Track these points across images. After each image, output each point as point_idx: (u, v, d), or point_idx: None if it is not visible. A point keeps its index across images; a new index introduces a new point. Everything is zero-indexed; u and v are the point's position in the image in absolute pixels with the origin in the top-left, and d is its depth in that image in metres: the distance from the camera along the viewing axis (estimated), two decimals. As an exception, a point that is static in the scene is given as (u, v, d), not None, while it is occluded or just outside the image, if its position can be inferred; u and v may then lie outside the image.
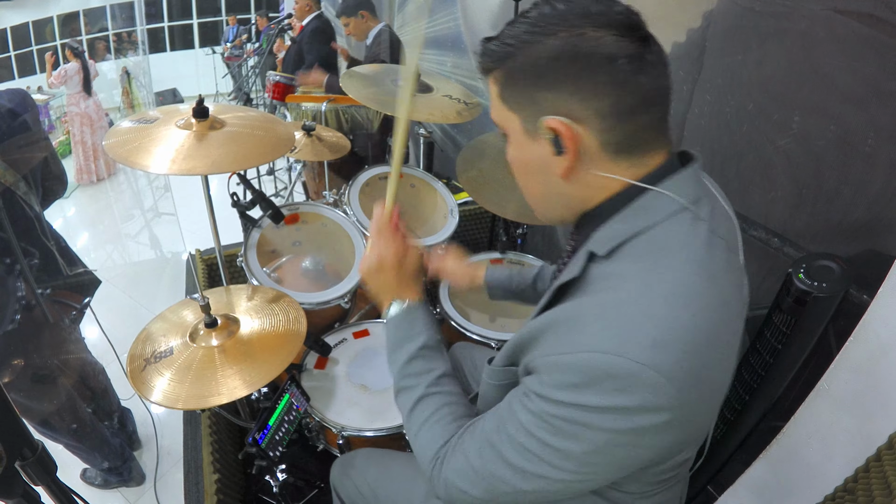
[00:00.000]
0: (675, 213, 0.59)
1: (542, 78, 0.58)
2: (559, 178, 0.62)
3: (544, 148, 0.61)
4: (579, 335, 0.54)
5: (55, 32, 5.32)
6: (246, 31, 7.26)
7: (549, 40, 0.56)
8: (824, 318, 1.03)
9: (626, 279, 0.56)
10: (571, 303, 0.60)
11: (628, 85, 0.56)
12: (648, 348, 0.51)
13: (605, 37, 0.55)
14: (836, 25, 1.09)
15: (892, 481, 0.81)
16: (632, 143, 0.59)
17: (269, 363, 1.05)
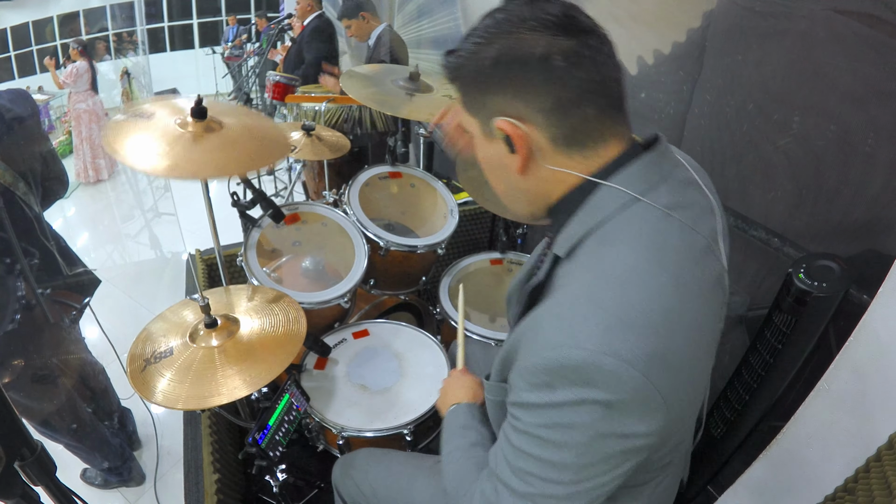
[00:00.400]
0: (627, 205, 0.61)
1: (488, 83, 0.62)
2: (517, 174, 0.66)
3: (500, 147, 0.65)
4: (540, 338, 0.56)
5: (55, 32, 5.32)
6: (246, 31, 7.25)
7: (490, 48, 0.60)
8: (824, 318, 1.03)
9: (577, 275, 0.59)
10: (537, 308, 0.62)
11: (566, 80, 0.58)
12: (601, 335, 0.52)
13: (539, 38, 0.58)
14: (836, 25, 1.09)
15: (892, 481, 0.81)
16: (580, 135, 0.61)
17: (269, 363, 1.05)
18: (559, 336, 0.54)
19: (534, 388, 0.56)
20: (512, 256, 1.81)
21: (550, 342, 0.54)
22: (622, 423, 0.54)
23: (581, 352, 0.52)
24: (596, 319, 0.53)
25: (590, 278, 0.57)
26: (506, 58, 0.59)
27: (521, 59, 0.58)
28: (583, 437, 0.55)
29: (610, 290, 0.55)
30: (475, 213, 2.37)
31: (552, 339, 0.54)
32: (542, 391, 0.55)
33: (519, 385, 0.59)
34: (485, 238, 2.40)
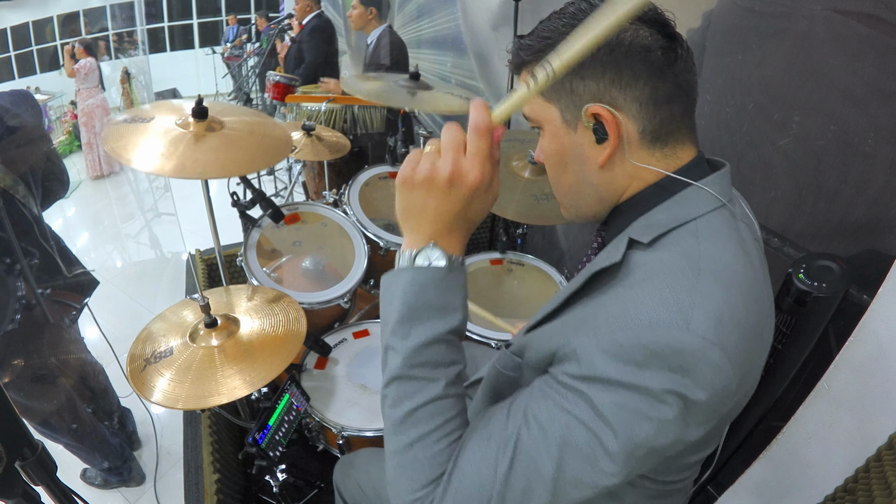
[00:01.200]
0: (716, 208, 0.60)
1: (583, 67, 0.58)
2: (595, 168, 0.63)
3: (584, 137, 0.62)
4: (634, 311, 0.51)
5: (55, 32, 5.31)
6: (246, 31, 7.25)
7: None
8: (824, 318, 1.03)
9: (676, 264, 0.54)
10: (609, 291, 0.55)
11: (663, 74, 0.58)
12: (713, 326, 0.49)
13: (641, 30, 0.58)
14: (836, 25, 1.09)
15: (892, 481, 0.81)
16: (666, 132, 0.61)
17: (269, 363, 1.05)
18: (666, 313, 0.49)
19: (617, 360, 0.49)
20: (512, 256, 1.81)
21: (653, 319, 0.49)
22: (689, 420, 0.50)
23: (691, 336, 0.48)
24: (706, 309, 0.50)
25: (693, 269, 0.53)
26: (609, 42, 0.57)
27: (626, 46, 0.57)
28: (649, 430, 0.49)
29: (717, 286, 0.52)
30: (475, 213, 2.37)
31: (656, 316, 0.49)
32: (627, 368, 0.49)
33: (592, 359, 0.51)
34: (485, 238, 2.40)
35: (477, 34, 2.88)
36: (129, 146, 1.03)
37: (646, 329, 0.49)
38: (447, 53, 3.26)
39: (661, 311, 0.50)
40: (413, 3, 3.62)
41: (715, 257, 0.55)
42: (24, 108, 1.44)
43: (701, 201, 0.60)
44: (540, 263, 1.78)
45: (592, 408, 0.50)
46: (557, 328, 0.60)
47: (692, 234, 0.57)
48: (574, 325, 0.56)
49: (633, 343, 0.49)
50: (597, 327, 0.52)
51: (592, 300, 0.57)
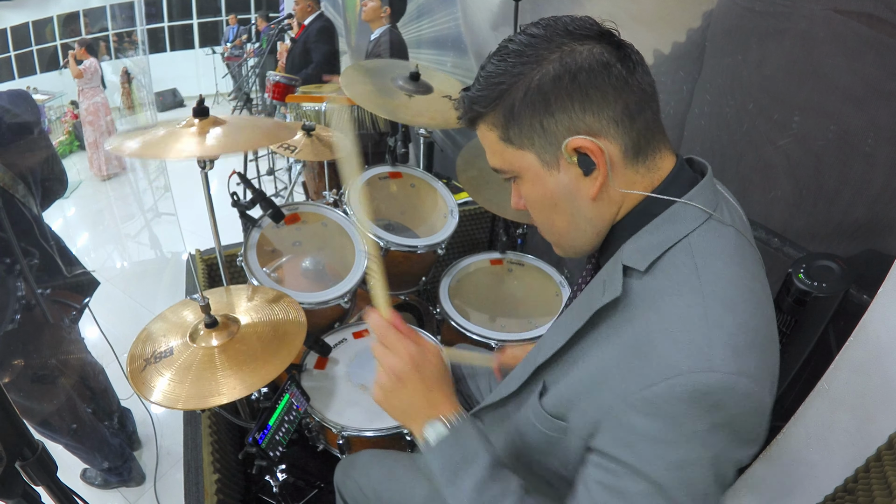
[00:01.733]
0: (704, 221, 0.59)
1: (548, 104, 0.57)
2: (588, 202, 0.61)
3: (569, 173, 0.60)
4: (655, 363, 0.52)
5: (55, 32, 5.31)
6: (246, 31, 7.26)
7: (543, 66, 0.57)
8: (824, 318, 1.03)
9: (678, 293, 0.55)
10: (622, 328, 0.57)
11: (629, 85, 0.57)
12: (732, 357, 0.50)
13: (594, 47, 0.57)
14: (836, 25, 1.09)
15: (892, 481, 0.81)
16: (644, 142, 0.60)
17: (269, 363, 1.05)
18: (684, 360, 0.50)
19: (657, 420, 0.51)
20: (512, 256, 1.81)
21: (673, 368, 0.50)
22: (741, 443, 0.52)
23: (717, 375, 0.49)
24: (722, 341, 0.50)
25: (697, 298, 0.53)
26: (568, 70, 0.56)
27: (587, 71, 0.56)
28: (708, 468, 0.51)
29: (725, 310, 0.52)
30: (475, 213, 2.37)
31: (675, 365, 0.50)
32: (668, 425, 0.51)
33: (630, 419, 0.53)
34: (485, 238, 2.40)
35: (477, 34, 2.88)
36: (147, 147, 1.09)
37: (677, 377, 0.50)
38: (447, 53, 3.26)
39: (680, 360, 0.50)
40: (413, 3, 3.62)
41: (715, 276, 0.55)
42: (22, 107, 1.44)
43: (689, 217, 0.59)
44: (540, 263, 1.78)
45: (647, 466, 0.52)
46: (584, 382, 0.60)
47: (687, 253, 0.57)
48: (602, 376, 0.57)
49: (671, 395, 0.50)
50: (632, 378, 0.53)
51: (604, 341, 0.58)
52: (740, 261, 0.57)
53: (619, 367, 0.55)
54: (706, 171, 0.64)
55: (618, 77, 0.56)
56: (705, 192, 0.61)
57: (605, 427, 0.56)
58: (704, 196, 0.60)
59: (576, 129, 0.58)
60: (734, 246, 0.59)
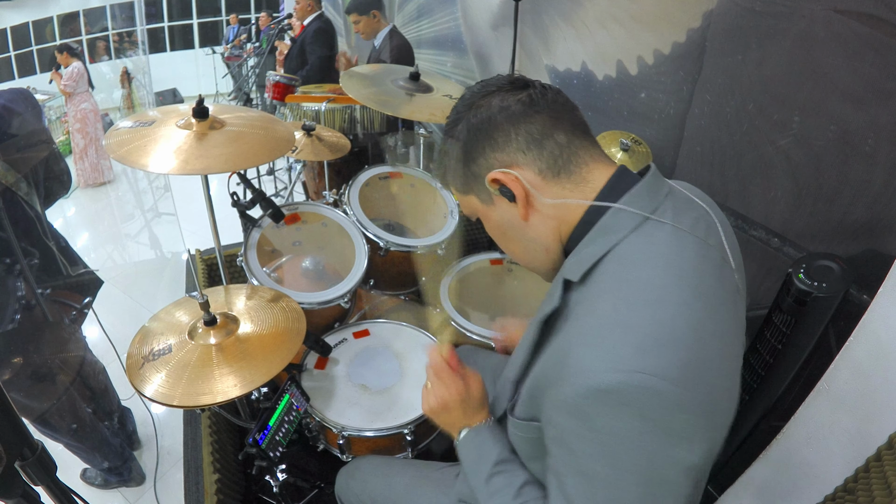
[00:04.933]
0: (638, 225, 0.61)
1: (469, 153, 0.69)
2: (523, 223, 0.69)
3: (501, 204, 0.70)
4: (571, 366, 0.55)
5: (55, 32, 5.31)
6: (246, 31, 7.26)
7: (460, 125, 0.69)
8: (824, 318, 1.03)
9: (599, 298, 0.58)
10: (557, 336, 0.62)
11: (528, 116, 0.65)
12: (634, 355, 0.52)
13: (494, 97, 0.67)
14: (836, 25, 1.09)
15: (892, 481, 0.81)
16: (562, 161, 0.66)
17: (268, 362, 1.05)
18: (593, 362, 0.53)
19: (575, 418, 0.55)
20: (512, 256, 1.81)
21: (584, 369, 0.54)
22: (669, 441, 0.52)
23: (617, 374, 0.51)
24: (628, 341, 0.53)
25: (614, 302, 0.56)
26: (475, 122, 0.67)
27: (486, 119, 0.66)
28: (636, 461, 0.53)
29: (638, 311, 0.55)
30: (475, 213, 2.37)
31: (585, 366, 0.54)
32: (583, 421, 0.54)
33: (558, 419, 0.58)
34: (485, 238, 2.40)
35: (477, 34, 2.88)
36: (133, 151, 1.04)
37: (583, 378, 0.53)
38: (447, 53, 3.26)
39: (590, 359, 0.54)
40: (413, 3, 3.62)
41: (634, 279, 0.58)
42: (23, 106, 1.44)
43: (622, 223, 0.62)
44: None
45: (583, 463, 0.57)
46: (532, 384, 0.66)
47: (615, 261, 0.61)
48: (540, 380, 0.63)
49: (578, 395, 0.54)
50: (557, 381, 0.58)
51: (551, 347, 0.63)
52: (670, 261, 0.59)
53: (555, 369, 0.59)
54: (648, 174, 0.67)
55: (514, 114, 0.65)
56: (642, 194, 0.63)
57: (548, 424, 0.62)
58: (641, 199, 0.63)
59: (491, 167, 0.68)
60: (666, 246, 0.60)
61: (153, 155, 1.03)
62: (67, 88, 4.24)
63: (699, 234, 0.63)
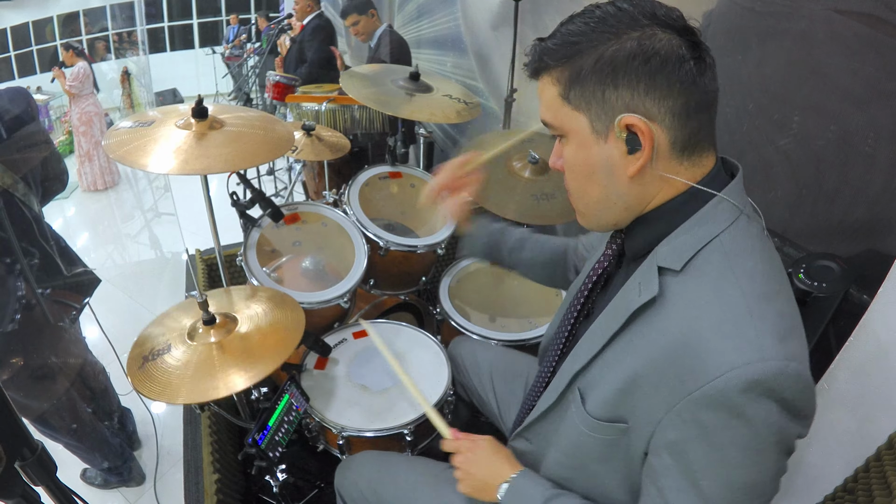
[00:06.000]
0: (735, 219, 0.62)
1: (617, 77, 0.58)
2: (625, 179, 0.63)
3: (614, 147, 0.62)
4: (711, 359, 0.54)
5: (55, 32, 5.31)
6: (246, 31, 7.25)
7: (621, 40, 0.58)
8: (824, 318, 1.03)
9: (717, 290, 0.58)
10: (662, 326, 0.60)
11: (695, 85, 0.58)
12: (780, 345, 0.54)
13: (673, 38, 0.58)
14: (836, 25, 1.09)
15: (892, 481, 0.81)
16: (694, 141, 0.62)
17: (267, 361, 1.05)
18: (739, 354, 0.53)
19: (720, 413, 0.54)
20: (512, 256, 1.81)
21: (728, 362, 0.53)
22: (798, 423, 0.55)
23: (770, 363, 0.52)
24: (768, 331, 0.54)
25: (738, 293, 0.56)
26: (643, 53, 0.57)
27: (662, 57, 0.57)
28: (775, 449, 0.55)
29: (765, 303, 0.56)
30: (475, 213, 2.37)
31: (730, 360, 0.53)
32: (731, 418, 0.54)
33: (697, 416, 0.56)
34: (485, 238, 2.40)
35: (477, 34, 2.88)
36: (133, 151, 1.04)
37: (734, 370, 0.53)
38: (447, 53, 3.26)
39: (734, 354, 0.53)
40: (413, 3, 3.62)
41: (749, 273, 0.58)
42: (22, 105, 1.44)
43: (721, 215, 0.62)
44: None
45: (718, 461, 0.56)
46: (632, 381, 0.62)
47: (720, 252, 0.59)
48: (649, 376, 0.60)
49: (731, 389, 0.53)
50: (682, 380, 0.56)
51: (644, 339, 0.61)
52: (768, 256, 0.61)
53: (673, 364, 0.57)
54: (737, 173, 0.67)
55: (687, 73, 0.57)
56: (740, 189, 0.64)
57: (671, 425, 0.58)
58: (737, 193, 0.63)
59: (633, 108, 0.59)
60: (762, 242, 0.62)
61: (153, 155, 1.03)
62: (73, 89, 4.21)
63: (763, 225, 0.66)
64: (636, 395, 0.62)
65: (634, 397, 0.62)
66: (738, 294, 0.56)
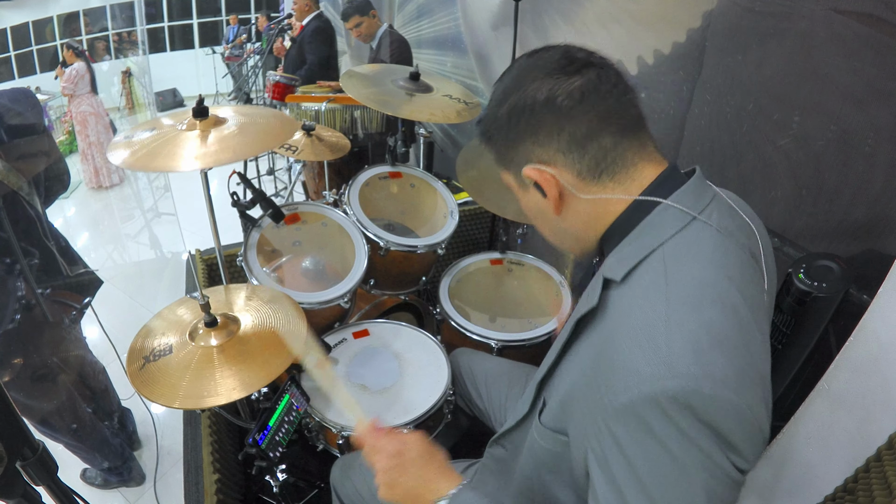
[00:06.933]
0: (685, 226, 0.59)
1: (509, 138, 0.65)
2: (555, 216, 0.67)
3: (535, 194, 0.67)
4: (620, 370, 0.53)
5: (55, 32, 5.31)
6: (246, 31, 7.26)
7: (503, 106, 0.65)
8: (824, 318, 1.03)
9: (644, 298, 0.55)
10: (592, 335, 0.61)
11: (573, 116, 0.60)
12: (694, 359, 0.49)
13: (542, 84, 0.61)
14: (836, 25, 1.09)
15: (892, 481, 0.81)
16: (604, 164, 0.62)
17: (268, 364, 1.05)
18: (648, 366, 0.50)
19: (629, 428, 0.52)
20: (512, 256, 1.81)
21: (638, 373, 0.51)
22: (729, 451, 0.51)
23: (680, 380, 0.49)
24: (683, 343, 0.50)
25: (663, 301, 0.54)
26: (517, 110, 0.62)
27: (529, 108, 0.61)
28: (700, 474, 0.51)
29: (688, 311, 0.52)
30: (475, 213, 2.37)
31: (640, 370, 0.51)
32: (642, 433, 0.51)
33: (611, 427, 0.53)
34: (485, 238, 2.40)
35: (477, 34, 2.88)
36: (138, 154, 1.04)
37: (640, 385, 0.50)
38: (447, 53, 3.26)
39: (642, 365, 0.51)
40: (413, 3, 3.62)
41: (682, 279, 0.55)
42: (25, 105, 1.44)
43: (668, 223, 0.60)
44: (540, 263, 1.78)
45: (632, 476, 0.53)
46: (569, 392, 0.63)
47: (660, 260, 0.58)
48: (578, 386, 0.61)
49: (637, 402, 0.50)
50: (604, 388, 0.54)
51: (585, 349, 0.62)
52: (717, 262, 0.57)
53: (595, 374, 0.57)
54: None
55: (560, 110, 0.60)
56: (689, 193, 0.62)
57: (594, 435, 0.57)
58: (689, 197, 0.61)
59: (530, 159, 0.64)
60: (713, 248, 0.58)
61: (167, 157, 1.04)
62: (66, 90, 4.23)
63: (741, 240, 0.62)
64: (573, 406, 0.62)
65: (572, 408, 0.62)
66: (662, 301, 0.53)
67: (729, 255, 0.59)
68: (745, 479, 0.54)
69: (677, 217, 0.60)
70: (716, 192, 0.66)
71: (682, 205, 0.60)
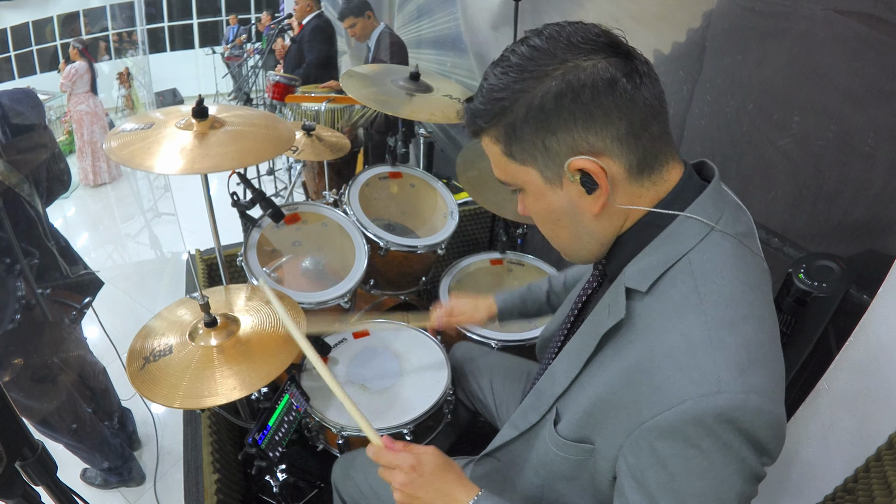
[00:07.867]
0: (705, 235, 0.59)
1: (550, 122, 0.56)
2: (590, 217, 0.61)
3: (571, 191, 0.60)
4: (664, 389, 0.53)
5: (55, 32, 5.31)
6: (246, 31, 7.26)
7: (545, 82, 0.55)
8: (824, 318, 1.03)
9: (679, 314, 0.56)
10: (623, 352, 0.59)
11: (634, 102, 0.55)
12: (739, 376, 0.51)
13: (598, 62, 0.54)
14: (836, 25, 1.09)
15: (892, 481, 0.81)
16: (650, 158, 0.59)
17: (268, 364, 1.05)
18: (695, 386, 0.51)
19: (674, 443, 0.53)
20: (512, 256, 1.81)
21: (683, 393, 0.52)
22: (763, 456, 0.53)
23: (726, 395, 0.50)
24: (726, 361, 0.52)
25: (699, 318, 0.54)
26: (570, 90, 0.54)
27: (590, 89, 0.54)
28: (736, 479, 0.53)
29: (727, 332, 0.53)
30: (475, 213, 2.37)
31: (685, 391, 0.52)
32: (686, 448, 0.52)
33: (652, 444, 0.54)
34: (485, 238, 2.40)
35: (477, 34, 2.88)
36: (136, 152, 1.04)
37: (687, 403, 0.51)
38: (447, 53, 3.26)
39: (688, 385, 0.52)
40: (413, 3, 3.62)
41: (716, 296, 0.55)
42: (26, 105, 1.44)
43: (688, 231, 0.59)
44: (540, 263, 1.78)
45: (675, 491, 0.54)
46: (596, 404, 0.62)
47: (686, 272, 0.57)
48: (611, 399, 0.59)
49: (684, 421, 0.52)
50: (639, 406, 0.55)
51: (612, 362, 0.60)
52: (740, 274, 0.57)
53: (630, 390, 0.57)
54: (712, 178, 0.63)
55: (622, 95, 0.54)
56: (708, 202, 0.60)
57: (630, 450, 0.57)
58: (707, 207, 0.60)
59: (578, 149, 0.56)
60: (734, 258, 0.58)
61: (157, 156, 1.04)
62: (63, 87, 4.26)
63: (753, 244, 0.63)
64: (600, 417, 0.61)
65: (599, 419, 0.62)
66: (700, 321, 0.54)
67: (748, 264, 0.60)
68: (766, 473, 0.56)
69: (698, 228, 0.59)
70: (727, 192, 0.66)
71: (703, 215, 0.59)
